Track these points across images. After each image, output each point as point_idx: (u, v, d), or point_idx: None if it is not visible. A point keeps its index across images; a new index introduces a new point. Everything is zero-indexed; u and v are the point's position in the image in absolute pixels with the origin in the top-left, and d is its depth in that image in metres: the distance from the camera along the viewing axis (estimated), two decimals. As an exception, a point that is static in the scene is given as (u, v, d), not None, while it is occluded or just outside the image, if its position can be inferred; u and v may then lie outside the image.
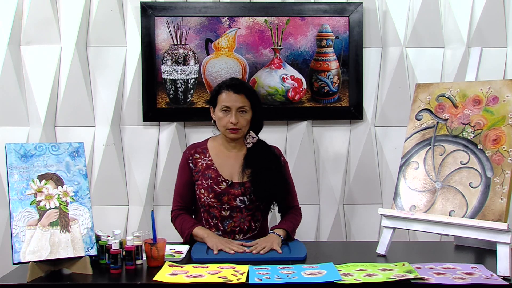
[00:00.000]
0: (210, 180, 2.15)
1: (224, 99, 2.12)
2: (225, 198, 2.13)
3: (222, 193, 2.13)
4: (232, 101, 2.11)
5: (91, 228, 1.75)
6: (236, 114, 2.11)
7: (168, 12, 2.82)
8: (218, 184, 2.14)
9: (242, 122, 2.12)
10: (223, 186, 2.14)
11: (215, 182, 2.14)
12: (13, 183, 1.69)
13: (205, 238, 2.01)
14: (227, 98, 2.12)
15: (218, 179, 2.14)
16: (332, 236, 2.90)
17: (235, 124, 2.10)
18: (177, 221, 2.15)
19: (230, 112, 2.11)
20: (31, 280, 1.62)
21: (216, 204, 2.13)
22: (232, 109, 2.11)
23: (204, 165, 2.18)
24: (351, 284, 1.55)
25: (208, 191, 2.14)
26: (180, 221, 2.14)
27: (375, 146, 2.92)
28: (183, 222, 2.12)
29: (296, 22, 2.84)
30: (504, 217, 1.70)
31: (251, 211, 2.16)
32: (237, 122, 2.11)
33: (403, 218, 1.92)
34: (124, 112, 2.89)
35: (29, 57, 2.83)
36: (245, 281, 1.59)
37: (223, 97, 2.13)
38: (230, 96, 2.12)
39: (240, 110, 2.12)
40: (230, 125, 2.11)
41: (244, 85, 2.18)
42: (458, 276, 1.62)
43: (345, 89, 2.87)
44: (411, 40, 2.88)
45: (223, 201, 2.13)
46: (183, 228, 2.11)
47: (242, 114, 2.12)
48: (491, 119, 1.85)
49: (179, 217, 2.15)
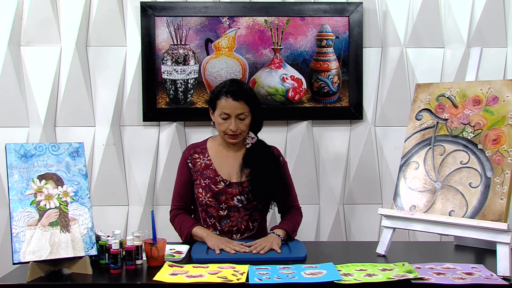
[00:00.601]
0: (208, 179, 2.14)
1: (224, 105, 2.10)
2: (223, 197, 2.13)
3: (219, 193, 2.13)
4: (231, 108, 2.09)
5: (91, 228, 1.75)
6: (235, 121, 2.10)
7: (168, 12, 2.82)
8: (216, 184, 2.14)
9: (241, 128, 2.12)
10: (221, 185, 2.14)
11: (213, 181, 2.14)
12: (13, 183, 1.69)
13: (204, 238, 2.01)
14: (226, 105, 2.09)
15: (216, 178, 2.14)
16: (332, 236, 2.90)
17: (235, 131, 2.10)
18: (176, 220, 2.15)
19: (229, 118, 2.10)
20: (31, 280, 1.62)
21: (214, 204, 2.13)
22: (232, 116, 2.09)
23: (203, 165, 2.18)
24: (351, 284, 1.55)
25: (206, 191, 2.14)
26: (179, 220, 2.13)
27: (375, 146, 2.92)
28: (182, 221, 2.12)
29: (296, 22, 2.84)
30: (504, 217, 1.70)
31: (248, 210, 2.16)
32: (237, 129, 2.11)
33: (403, 218, 1.92)
34: (124, 112, 2.89)
35: (29, 57, 2.83)
36: (245, 281, 1.59)
37: (222, 103, 2.10)
38: (229, 103, 2.09)
39: (239, 117, 2.10)
40: (230, 131, 2.11)
41: (243, 90, 2.13)
42: (458, 276, 1.62)
43: (345, 89, 2.87)
44: (411, 40, 2.88)
45: (221, 201, 2.13)
46: (182, 227, 2.10)
47: (241, 120, 2.11)
48: (491, 119, 1.85)
49: (178, 217, 2.15)
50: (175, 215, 2.17)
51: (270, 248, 1.92)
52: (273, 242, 1.96)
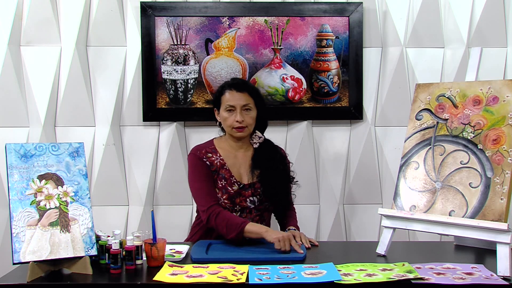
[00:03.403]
0: (224, 180, 2.15)
1: (228, 98, 2.13)
2: (238, 199, 2.15)
3: (234, 195, 2.14)
4: (236, 99, 2.12)
5: (91, 228, 1.75)
6: (241, 112, 2.12)
7: (168, 12, 2.82)
8: (231, 186, 2.15)
9: (247, 120, 2.13)
10: (235, 187, 2.15)
11: (228, 183, 2.15)
12: (13, 183, 1.69)
13: (263, 234, 1.91)
14: (231, 97, 2.13)
15: (231, 179, 2.15)
16: (332, 236, 2.90)
17: (241, 122, 2.11)
18: (219, 219, 2.00)
19: (235, 111, 2.12)
20: (31, 280, 1.62)
21: (229, 206, 2.14)
22: (237, 107, 2.12)
23: (219, 164, 2.17)
24: (351, 284, 1.55)
25: (223, 192, 2.14)
26: (223, 218, 1.99)
27: (375, 146, 2.92)
28: (228, 219, 1.98)
29: (296, 22, 2.84)
30: (504, 217, 1.70)
31: (259, 211, 2.18)
32: (243, 120, 2.12)
33: (403, 218, 1.92)
34: (124, 112, 2.89)
35: (29, 57, 2.83)
36: (245, 281, 1.58)
37: (227, 96, 2.14)
38: (234, 95, 2.13)
39: (245, 108, 2.13)
40: (236, 123, 2.11)
41: (246, 83, 2.22)
42: (458, 276, 1.62)
43: (345, 89, 2.87)
44: (411, 40, 2.88)
45: (236, 203, 2.14)
46: (231, 225, 1.96)
47: (247, 112, 2.14)
48: (491, 119, 1.85)
49: (221, 215, 2.01)
50: (215, 213, 2.01)
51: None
52: (301, 235, 2.04)
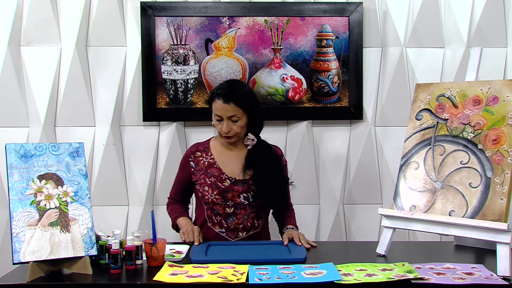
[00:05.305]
0: (213, 177, 2.16)
1: (216, 107, 2.12)
2: (229, 195, 2.14)
3: (226, 190, 2.14)
4: (222, 110, 2.10)
5: (91, 228, 1.75)
6: (227, 123, 2.11)
7: (168, 12, 2.82)
8: (222, 182, 2.15)
9: (235, 129, 2.13)
10: (227, 183, 2.15)
11: (218, 179, 2.15)
12: (13, 183, 1.69)
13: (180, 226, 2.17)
14: (218, 107, 2.11)
15: (221, 176, 2.16)
16: (332, 236, 2.90)
17: (227, 132, 2.12)
18: (168, 208, 2.33)
19: (222, 120, 2.12)
20: (31, 280, 1.62)
21: (221, 201, 2.14)
22: (224, 118, 2.11)
23: (206, 163, 2.19)
24: (351, 284, 1.55)
25: (213, 188, 2.14)
26: (171, 208, 2.31)
27: (375, 146, 2.92)
28: (172, 210, 2.30)
29: (296, 22, 2.84)
30: (504, 217, 1.70)
31: (254, 208, 2.18)
32: (229, 131, 2.12)
33: (403, 218, 1.92)
34: (124, 112, 2.89)
35: (29, 57, 2.83)
36: (245, 281, 1.58)
37: (215, 105, 2.12)
38: (220, 105, 2.10)
39: (232, 119, 2.11)
40: (223, 132, 2.12)
41: (234, 92, 2.10)
42: (458, 276, 1.62)
43: (345, 89, 2.87)
44: (411, 40, 2.88)
45: (227, 198, 2.14)
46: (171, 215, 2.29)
47: (234, 122, 2.12)
48: (491, 119, 1.85)
49: (171, 205, 2.32)
50: (168, 204, 2.34)
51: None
52: (299, 235, 2.05)
